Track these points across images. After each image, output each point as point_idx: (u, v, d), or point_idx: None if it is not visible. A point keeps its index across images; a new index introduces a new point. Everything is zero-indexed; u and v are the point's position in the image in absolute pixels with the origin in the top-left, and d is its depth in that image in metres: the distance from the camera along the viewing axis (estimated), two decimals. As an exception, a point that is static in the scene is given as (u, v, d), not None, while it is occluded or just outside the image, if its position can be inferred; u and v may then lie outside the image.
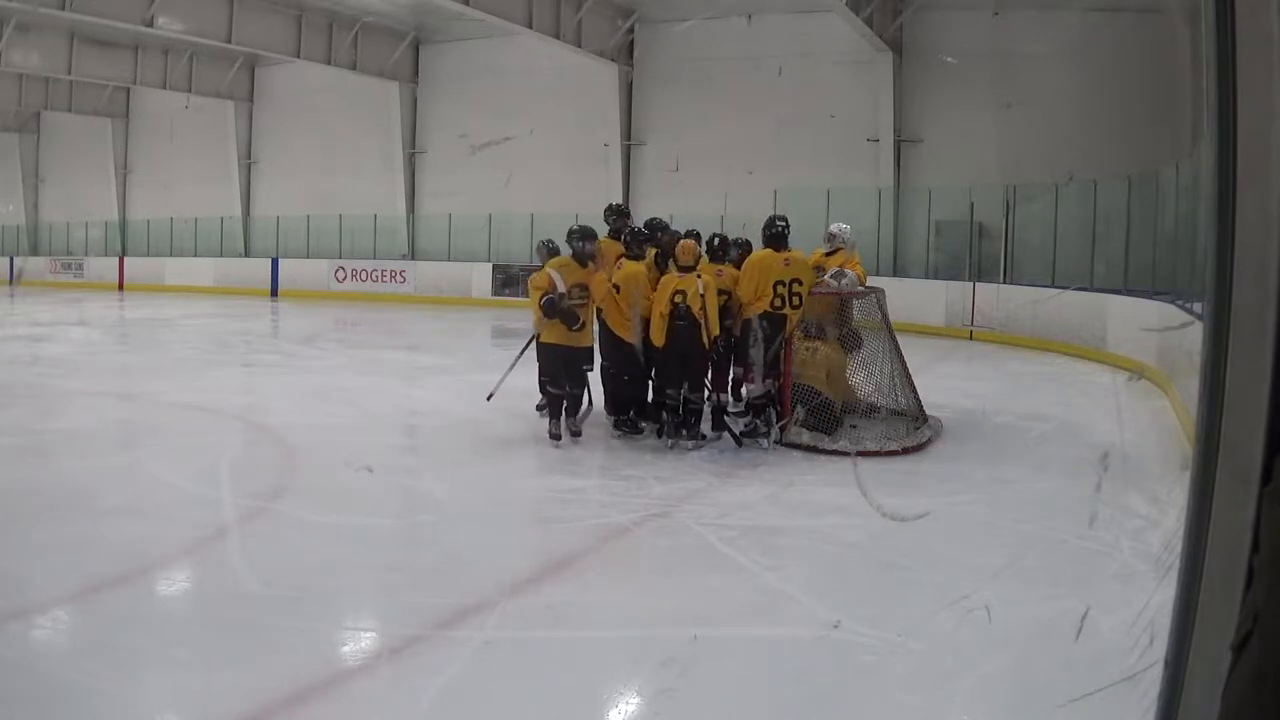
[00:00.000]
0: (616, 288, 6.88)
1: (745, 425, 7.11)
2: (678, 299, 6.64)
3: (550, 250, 7.67)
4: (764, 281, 6.94)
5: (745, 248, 7.47)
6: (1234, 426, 1.00)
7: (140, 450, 7.09)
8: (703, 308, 6.57)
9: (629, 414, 7.06)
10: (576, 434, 6.93)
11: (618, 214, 7.90)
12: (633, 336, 6.85)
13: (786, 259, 7.03)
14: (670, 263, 6.93)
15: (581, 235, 6.95)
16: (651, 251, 7.19)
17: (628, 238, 7.16)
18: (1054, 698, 3.05)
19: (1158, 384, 9.13)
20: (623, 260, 7.02)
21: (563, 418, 6.89)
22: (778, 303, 6.92)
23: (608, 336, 7.03)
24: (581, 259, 6.87)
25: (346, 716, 3.05)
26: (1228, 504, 1.00)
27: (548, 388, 6.91)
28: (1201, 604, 1.03)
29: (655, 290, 6.82)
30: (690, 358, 6.72)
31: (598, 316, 7.03)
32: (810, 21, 17.79)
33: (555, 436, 6.84)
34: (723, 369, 7.40)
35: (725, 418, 7.12)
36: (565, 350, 6.78)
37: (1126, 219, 12.29)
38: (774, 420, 6.87)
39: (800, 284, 6.98)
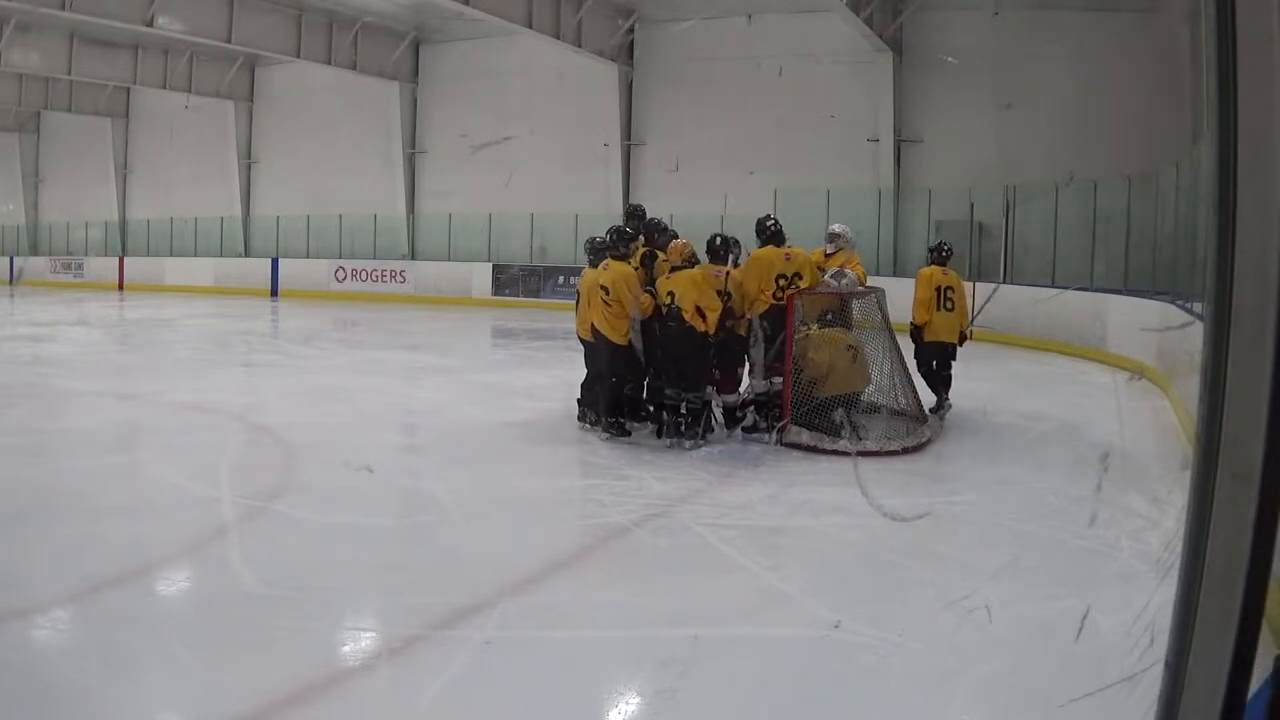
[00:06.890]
0: (605, 289, 6.82)
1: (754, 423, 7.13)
2: (668, 299, 6.66)
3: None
4: (766, 277, 6.94)
5: (737, 247, 7.43)
6: (1234, 426, 1.00)
7: (140, 450, 7.08)
8: (696, 307, 6.57)
9: (619, 416, 7.02)
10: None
11: (636, 217, 7.75)
12: (621, 338, 6.82)
13: (788, 254, 7.03)
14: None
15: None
16: (639, 252, 7.13)
17: (612, 237, 7.04)
18: (1054, 698, 3.04)
19: (1158, 384, 9.13)
20: (609, 262, 6.92)
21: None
22: (779, 295, 6.92)
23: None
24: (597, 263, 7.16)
25: (346, 716, 3.05)
26: (1228, 504, 1.00)
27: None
28: (1201, 604, 1.03)
29: (644, 290, 6.85)
30: (684, 358, 6.72)
31: None
32: (810, 21, 17.79)
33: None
34: (726, 370, 7.39)
35: (714, 410, 7.10)
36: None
37: (1126, 219, 12.28)
38: (765, 418, 6.91)
39: (801, 278, 6.97)
